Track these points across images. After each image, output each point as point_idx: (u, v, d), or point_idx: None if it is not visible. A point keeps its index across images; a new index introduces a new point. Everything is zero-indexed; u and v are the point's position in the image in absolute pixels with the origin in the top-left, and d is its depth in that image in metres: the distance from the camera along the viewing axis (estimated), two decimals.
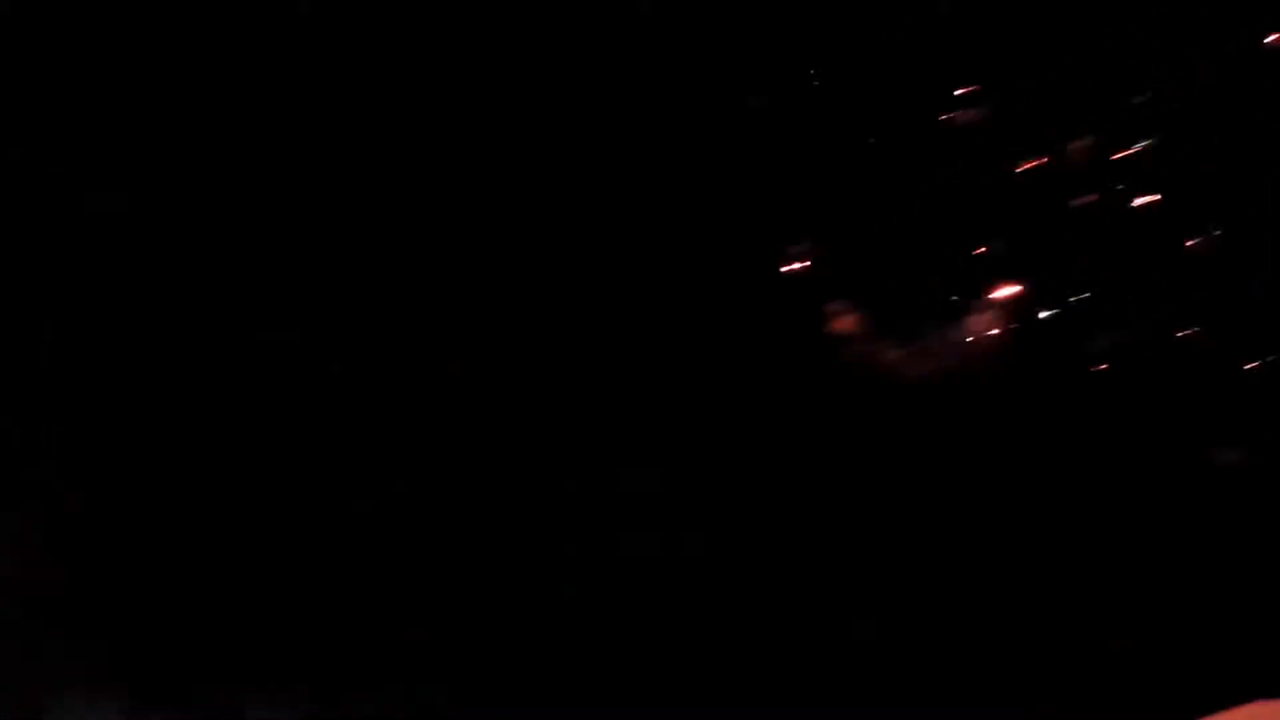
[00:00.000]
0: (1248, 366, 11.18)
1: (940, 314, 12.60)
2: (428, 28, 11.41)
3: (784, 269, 11.86)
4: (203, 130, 11.29)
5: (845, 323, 12.81)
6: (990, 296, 12.71)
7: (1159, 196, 11.58)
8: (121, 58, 11.27)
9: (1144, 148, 11.41)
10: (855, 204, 11.91)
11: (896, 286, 12.14)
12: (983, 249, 12.43)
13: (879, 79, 11.62)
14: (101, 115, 11.27)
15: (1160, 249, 11.50)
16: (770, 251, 11.67)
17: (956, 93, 11.86)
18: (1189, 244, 11.40)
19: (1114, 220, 11.64)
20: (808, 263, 12.05)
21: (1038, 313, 12.27)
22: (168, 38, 11.29)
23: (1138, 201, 11.78)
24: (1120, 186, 11.56)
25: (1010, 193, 11.84)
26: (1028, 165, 11.84)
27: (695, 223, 11.32)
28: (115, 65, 11.27)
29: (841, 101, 11.60)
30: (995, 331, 12.56)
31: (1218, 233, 11.31)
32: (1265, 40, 10.64)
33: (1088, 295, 12.01)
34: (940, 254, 12.31)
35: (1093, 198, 11.77)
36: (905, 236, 12.02)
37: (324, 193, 11.33)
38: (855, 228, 11.87)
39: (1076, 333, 12.50)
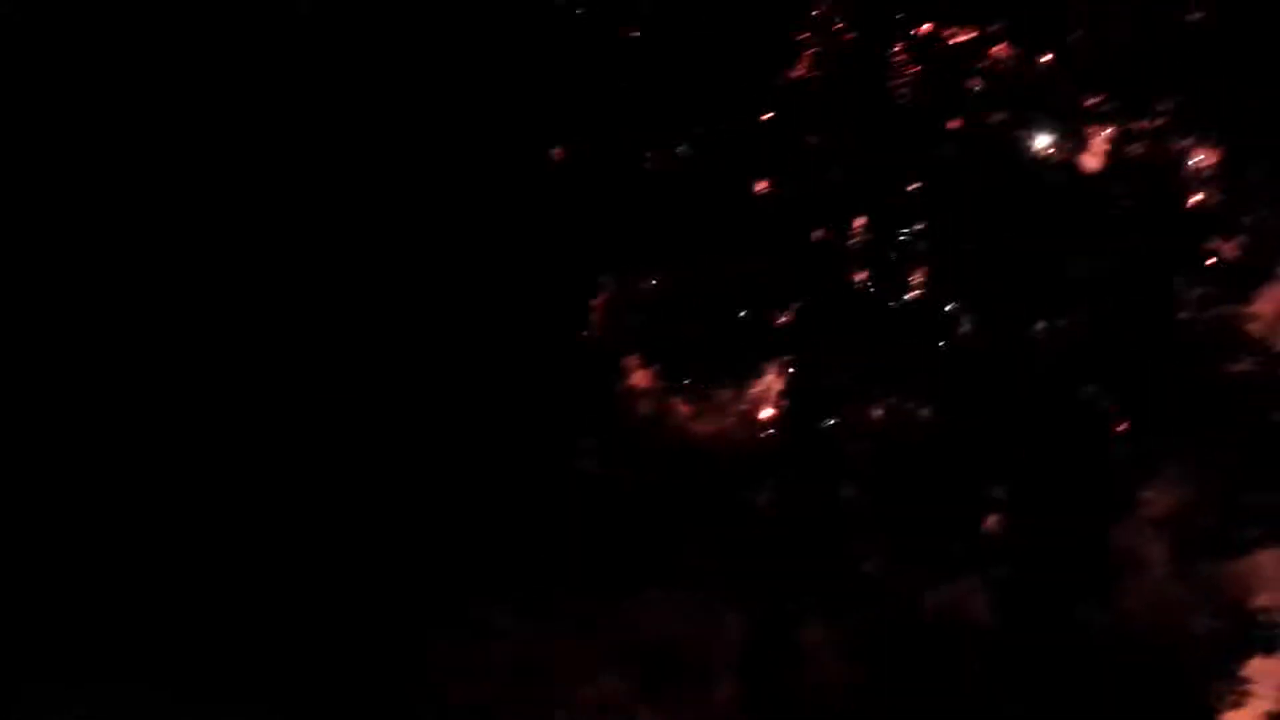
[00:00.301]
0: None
1: (729, 373, 12.93)
2: None
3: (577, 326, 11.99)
4: None
5: (639, 378, 13.01)
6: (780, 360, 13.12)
7: (921, 291, 12.23)
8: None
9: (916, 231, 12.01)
10: (649, 262, 12.14)
11: (687, 345, 12.40)
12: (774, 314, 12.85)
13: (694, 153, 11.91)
14: None
15: (924, 341, 12.09)
16: (561, 305, 11.78)
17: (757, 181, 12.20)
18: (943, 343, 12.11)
19: (889, 301, 12.18)
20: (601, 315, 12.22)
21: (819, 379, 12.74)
22: None
23: (909, 295, 12.40)
24: (895, 263, 12.14)
25: (795, 261, 12.29)
26: (817, 235, 12.32)
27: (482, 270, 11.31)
28: None
29: (632, 163, 11.81)
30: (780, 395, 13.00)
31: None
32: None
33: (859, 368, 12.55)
34: (732, 314, 12.65)
35: (866, 274, 12.34)
36: (697, 296, 12.30)
37: None
38: (650, 285, 12.08)
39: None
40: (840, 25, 11.95)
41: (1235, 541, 14.79)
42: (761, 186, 12.15)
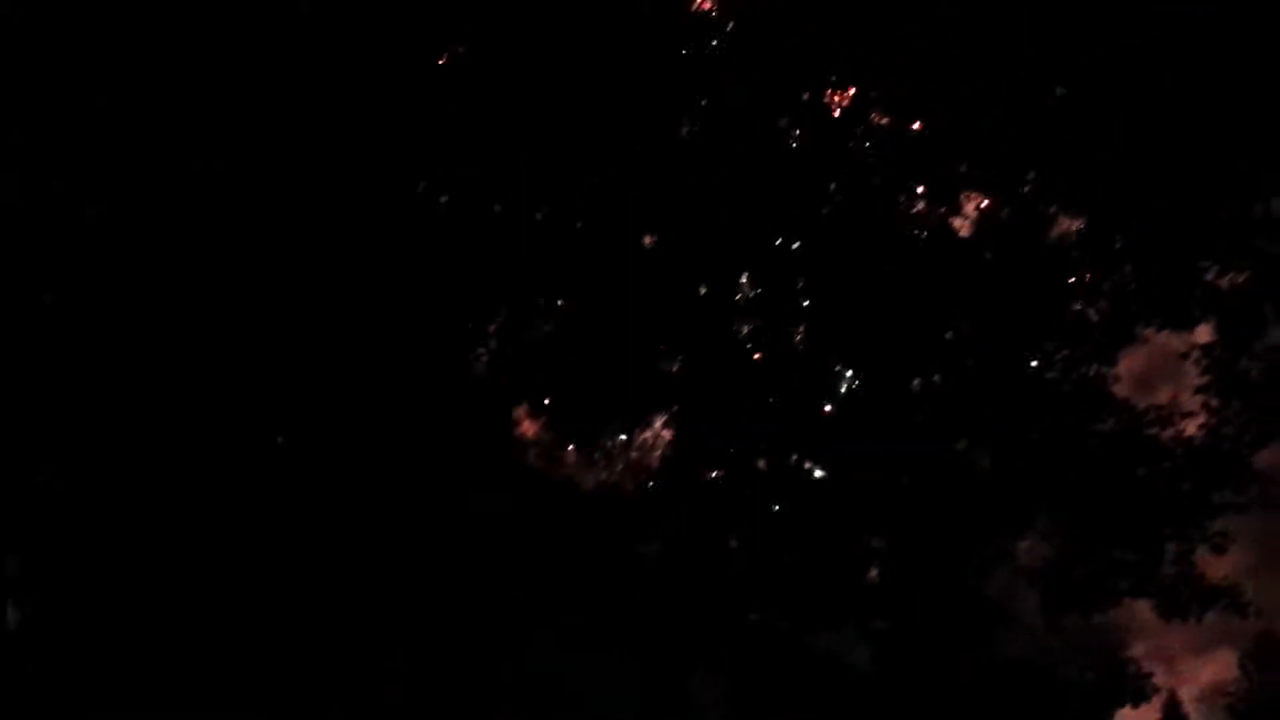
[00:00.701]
0: None
1: (618, 422, 13.13)
2: None
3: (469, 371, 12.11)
4: None
5: (528, 427, 13.14)
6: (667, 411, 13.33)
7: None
8: None
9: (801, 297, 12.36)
10: (539, 312, 12.32)
11: (577, 395, 12.58)
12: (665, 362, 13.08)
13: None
14: None
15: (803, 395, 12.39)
16: (447, 355, 11.90)
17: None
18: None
19: (774, 354, 12.50)
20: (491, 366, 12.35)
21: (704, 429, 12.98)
22: None
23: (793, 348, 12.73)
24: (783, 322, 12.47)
25: (683, 313, 12.56)
26: (703, 290, 12.63)
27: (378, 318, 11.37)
28: None
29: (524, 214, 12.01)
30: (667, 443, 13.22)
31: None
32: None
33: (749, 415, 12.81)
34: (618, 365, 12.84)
35: (752, 328, 12.67)
36: (585, 345, 12.49)
37: None
38: (539, 335, 12.26)
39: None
40: (728, 86, 12.36)
41: (1106, 593, 15.31)
42: (649, 240, 12.45)
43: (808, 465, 13.71)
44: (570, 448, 13.13)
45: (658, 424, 13.72)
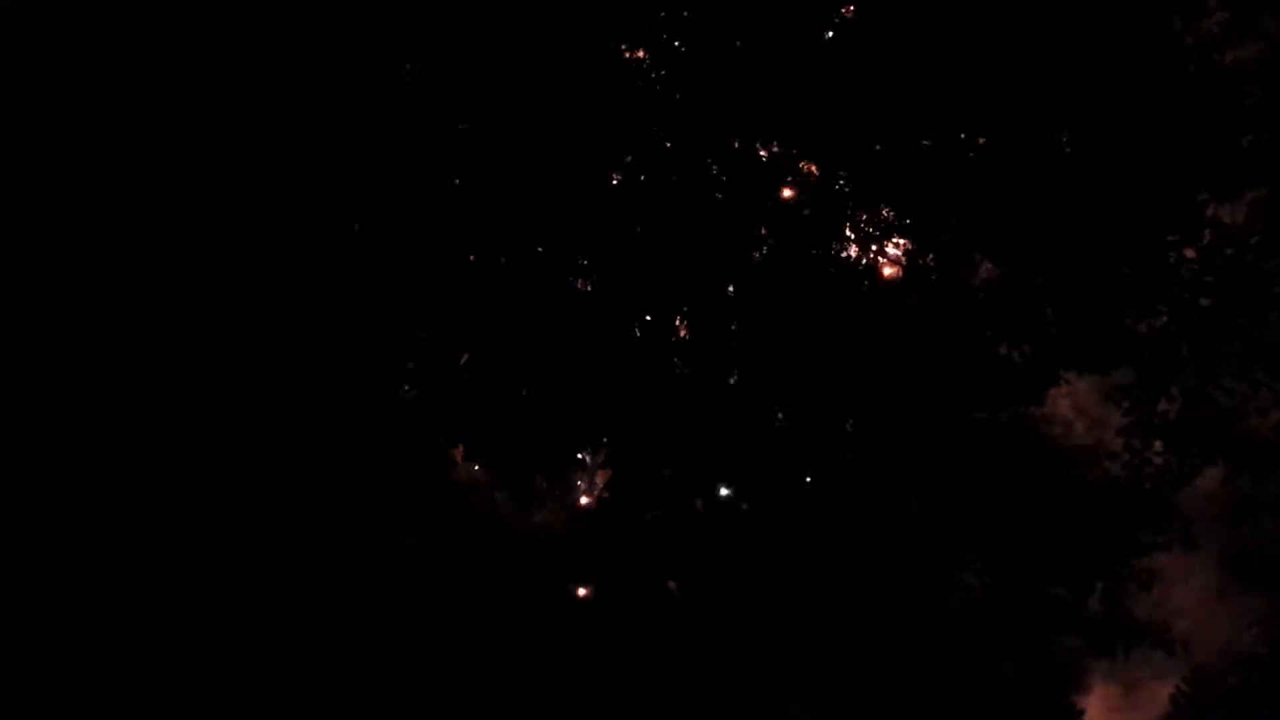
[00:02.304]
0: None
1: (553, 464, 13.20)
2: None
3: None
4: None
5: (464, 470, 13.19)
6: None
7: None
8: None
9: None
10: (473, 355, 12.42)
11: (512, 437, 12.67)
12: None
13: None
14: None
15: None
16: (380, 398, 11.96)
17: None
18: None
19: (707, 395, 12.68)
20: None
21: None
22: None
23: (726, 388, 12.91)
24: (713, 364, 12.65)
25: (618, 355, 12.71)
26: (638, 332, 12.80)
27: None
28: None
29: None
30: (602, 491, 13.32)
31: None
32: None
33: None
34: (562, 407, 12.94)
35: (692, 365, 12.83)
36: (521, 387, 12.60)
37: None
38: (474, 378, 12.36)
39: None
40: (660, 135, 12.61)
41: (1041, 635, 15.53)
42: (584, 285, 12.62)
43: (744, 506, 13.85)
44: (504, 488, 13.21)
45: (593, 465, 13.86)
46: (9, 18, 10.70)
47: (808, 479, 13.42)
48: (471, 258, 11.74)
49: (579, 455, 13.12)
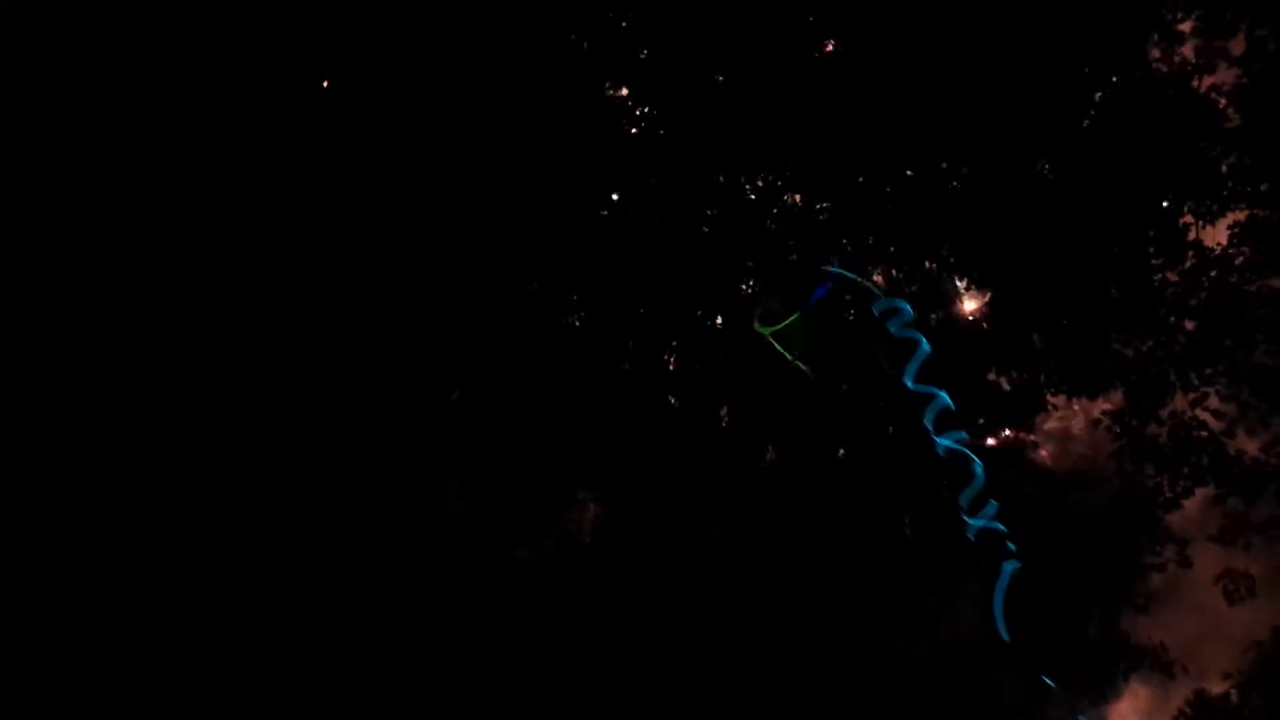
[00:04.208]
0: None
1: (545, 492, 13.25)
2: None
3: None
4: None
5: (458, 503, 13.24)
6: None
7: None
8: None
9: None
10: (464, 384, 12.51)
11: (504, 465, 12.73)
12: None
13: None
14: None
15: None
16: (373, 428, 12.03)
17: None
18: None
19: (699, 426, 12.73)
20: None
21: None
22: None
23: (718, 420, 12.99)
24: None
25: (609, 387, 12.80)
26: (626, 366, 12.88)
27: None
28: None
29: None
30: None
31: None
32: None
33: None
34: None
35: (677, 401, 12.90)
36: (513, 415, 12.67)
37: None
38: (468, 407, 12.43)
39: None
40: (650, 168, 12.76)
41: (1031, 665, 15.49)
42: (575, 320, 12.74)
43: (734, 538, 13.88)
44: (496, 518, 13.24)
45: (589, 493, 13.90)
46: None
47: (800, 509, 13.47)
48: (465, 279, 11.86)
49: (577, 484, 13.15)
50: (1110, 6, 12.40)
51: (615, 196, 12.34)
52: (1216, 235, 13.15)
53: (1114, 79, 12.32)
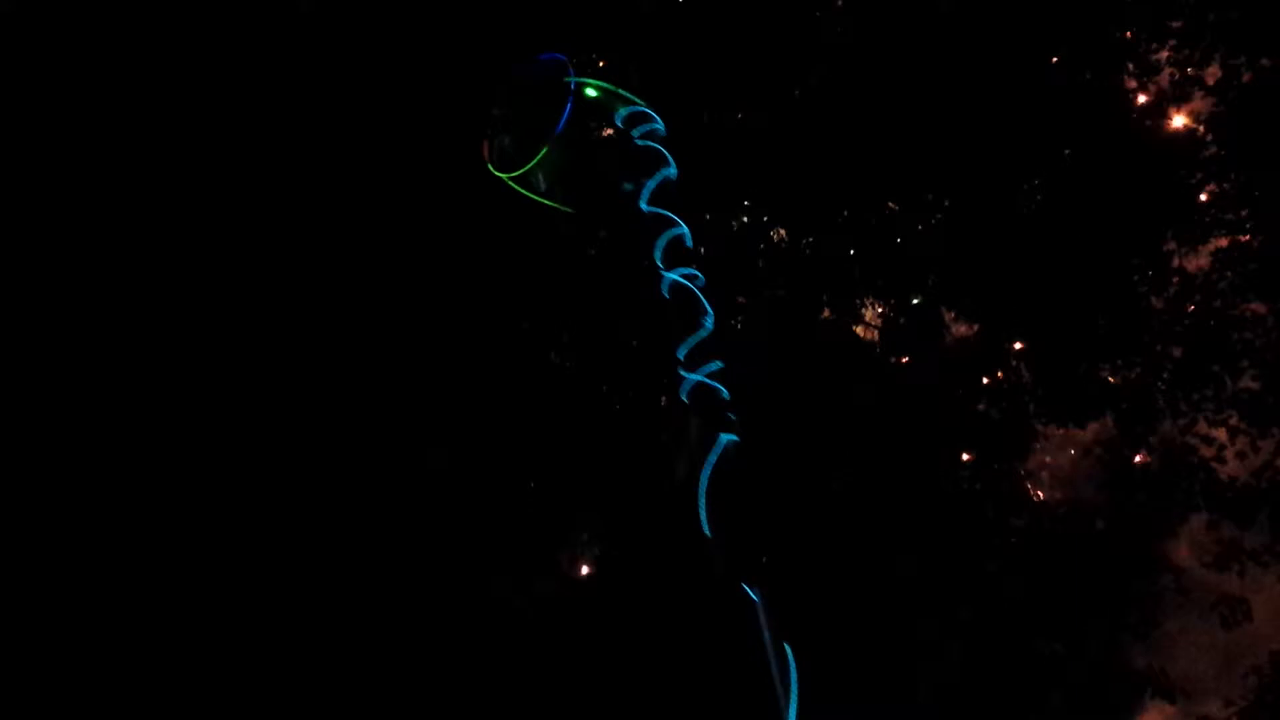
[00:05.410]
0: None
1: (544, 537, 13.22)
2: None
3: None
4: None
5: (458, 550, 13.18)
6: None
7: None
8: None
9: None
10: (458, 431, 12.56)
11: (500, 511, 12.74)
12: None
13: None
14: None
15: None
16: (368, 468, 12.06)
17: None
18: None
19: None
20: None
21: None
22: None
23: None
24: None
25: (603, 431, 12.83)
26: (618, 406, 12.92)
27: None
28: None
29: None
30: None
31: None
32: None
33: None
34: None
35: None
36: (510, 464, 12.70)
37: None
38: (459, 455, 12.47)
39: None
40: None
41: (1030, 690, 15.41)
42: (567, 362, 12.80)
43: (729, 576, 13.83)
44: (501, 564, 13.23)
45: (586, 536, 13.88)
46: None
47: (793, 543, 13.45)
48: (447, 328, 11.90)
49: (573, 528, 13.16)
50: (1085, 42, 12.57)
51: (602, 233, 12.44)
52: (1199, 261, 13.28)
53: (1092, 111, 12.46)
